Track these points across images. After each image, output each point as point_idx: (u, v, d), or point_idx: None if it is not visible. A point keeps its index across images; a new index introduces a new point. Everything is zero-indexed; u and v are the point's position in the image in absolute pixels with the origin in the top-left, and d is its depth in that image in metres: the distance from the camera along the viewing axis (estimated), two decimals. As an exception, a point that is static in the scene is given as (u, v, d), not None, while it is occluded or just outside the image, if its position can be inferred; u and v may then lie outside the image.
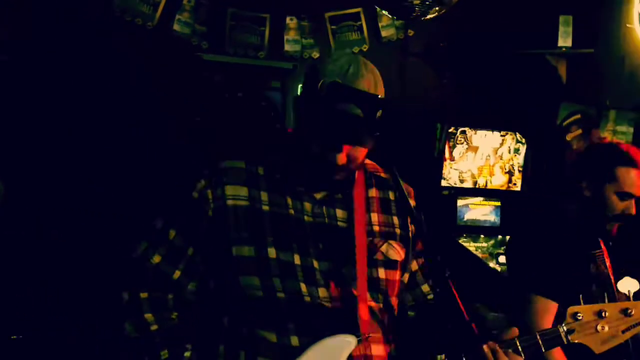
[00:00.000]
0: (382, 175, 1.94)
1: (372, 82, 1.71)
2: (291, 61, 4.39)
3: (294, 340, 1.70)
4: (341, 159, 1.69)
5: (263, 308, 1.72)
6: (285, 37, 4.43)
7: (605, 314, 1.86)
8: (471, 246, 4.32)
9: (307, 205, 1.80)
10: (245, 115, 4.23)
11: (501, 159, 4.53)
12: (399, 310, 1.88)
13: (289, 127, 4.42)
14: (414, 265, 1.95)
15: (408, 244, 1.88)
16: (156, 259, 1.79)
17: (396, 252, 1.85)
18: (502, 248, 4.35)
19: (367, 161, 1.90)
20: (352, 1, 4.57)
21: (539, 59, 4.66)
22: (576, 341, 1.85)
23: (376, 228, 1.85)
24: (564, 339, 1.84)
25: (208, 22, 4.25)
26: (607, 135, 4.69)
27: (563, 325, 1.85)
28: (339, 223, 1.81)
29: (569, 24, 4.51)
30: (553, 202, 2.83)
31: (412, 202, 1.88)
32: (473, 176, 4.43)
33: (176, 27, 4.20)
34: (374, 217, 1.86)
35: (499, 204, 4.47)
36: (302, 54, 4.46)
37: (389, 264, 1.83)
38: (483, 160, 4.44)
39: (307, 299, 1.72)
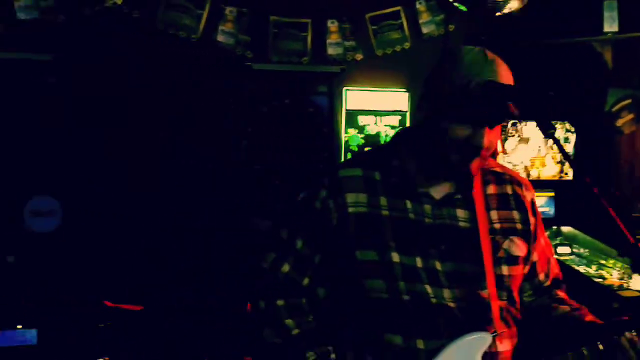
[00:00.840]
0: (498, 169, 1.94)
1: (510, 73, 1.74)
2: (334, 64, 4.41)
3: (420, 343, 1.71)
4: (486, 141, 1.70)
5: (388, 311, 1.74)
6: (328, 41, 4.44)
7: None
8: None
9: (427, 208, 1.81)
10: (293, 121, 4.25)
11: (552, 149, 4.48)
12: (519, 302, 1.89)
13: (335, 130, 4.44)
14: (534, 256, 1.94)
15: (529, 237, 1.88)
16: (285, 268, 1.85)
17: (518, 247, 1.85)
18: (559, 239, 4.31)
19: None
20: (390, 0, 4.57)
21: (584, 46, 4.59)
22: None
23: (497, 225, 1.85)
24: None
25: (251, 31, 4.28)
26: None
27: None
28: (460, 223, 1.81)
29: (613, 8, 4.43)
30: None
31: (531, 194, 1.91)
32: (526, 168, 4.40)
33: (220, 37, 4.24)
34: (494, 214, 1.86)
35: (552, 194, 4.43)
36: (344, 57, 4.47)
37: (512, 260, 1.83)
38: (535, 151, 4.40)
39: (433, 300, 1.73)
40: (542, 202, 4.38)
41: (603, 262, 3.96)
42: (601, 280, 3.69)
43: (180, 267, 3.88)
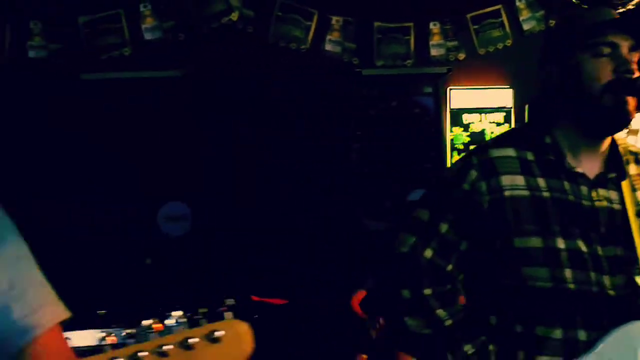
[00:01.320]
0: (633, 149, 1.83)
1: None
2: (437, 65, 4.52)
3: (582, 335, 1.62)
4: (631, 104, 1.63)
5: (550, 301, 1.64)
6: (430, 43, 4.55)
7: None
8: None
9: (583, 189, 1.69)
10: (401, 123, 4.41)
11: (670, 140, 4.41)
12: None
13: (442, 129, 4.55)
14: None
15: None
16: (428, 253, 1.70)
17: None
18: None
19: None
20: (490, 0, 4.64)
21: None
22: None
23: None
24: None
25: (357, 39, 4.46)
26: None
27: None
28: (614, 205, 1.70)
29: None
30: None
31: None
32: (637, 160, 4.34)
33: (328, 47, 4.44)
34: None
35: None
36: (447, 57, 4.57)
37: None
38: (646, 143, 4.35)
39: (595, 288, 1.63)
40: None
41: None
42: None
43: (304, 265, 4.11)
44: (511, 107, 4.68)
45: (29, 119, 4.08)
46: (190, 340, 0.81)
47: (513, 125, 4.67)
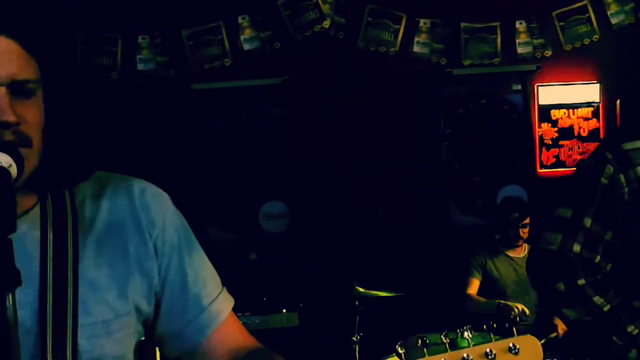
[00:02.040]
0: None
1: None
2: (524, 63, 4.61)
3: None
4: None
5: None
6: (517, 41, 4.64)
7: None
8: None
9: None
10: (490, 120, 4.53)
11: None
12: None
13: (531, 125, 4.63)
14: None
15: None
16: (576, 247, 1.82)
17: None
18: None
19: None
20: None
21: None
22: None
23: None
24: None
25: (444, 40, 4.61)
26: None
27: None
28: None
29: None
30: None
31: None
32: None
33: (416, 49, 4.61)
34: None
35: None
36: (534, 54, 4.64)
37: None
38: None
39: None
40: None
41: None
42: None
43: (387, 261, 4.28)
44: (599, 102, 4.70)
45: (145, 127, 4.40)
46: (494, 350, 0.99)
47: (602, 120, 4.69)
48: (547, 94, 4.68)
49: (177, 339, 1.18)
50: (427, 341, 0.98)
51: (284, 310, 3.49)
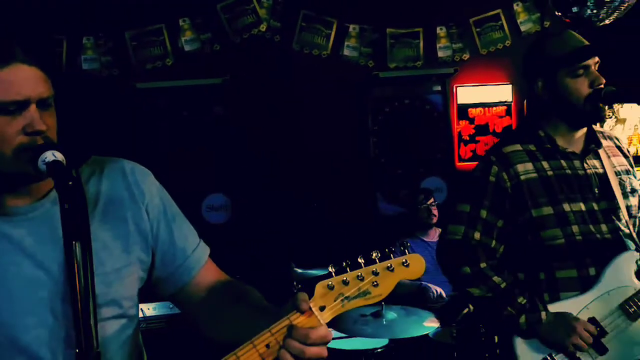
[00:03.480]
0: (597, 129, 2.35)
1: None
2: (445, 66, 5.05)
3: (592, 271, 2.15)
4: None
5: (564, 253, 2.14)
6: (438, 46, 5.08)
7: None
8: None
9: (576, 162, 2.23)
10: (413, 118, 4.96)
11: (648, 127, 4.94)
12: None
13: (450, 123, 5.08)
14: None
15: (635, 175, 2.33)
16: (476, 235, 2.21)
17: (634, 182, 2.30)
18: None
19: None
20: (491, 4, 5.13)
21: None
22: None
23: (619, 168, 2.29)
24: None
25: (372, 44, 4.99)
26: None
27: None
28: (598, 170, 2.24)
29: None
30: None
31: (622, 144, 2.37)
32: (624, 146, 4.88)
33: (346, 52, 4.98)
34: (614, 160, 2.30)
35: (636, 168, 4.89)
36: (453, 58, 5.09)
37: (633, 192, 2.29)
38: (632, 130, 4.87)
39: (597, 236, 2.17)
40: (641, 175, 4.86)
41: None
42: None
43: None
44: (511, 101, 5.20)
45: (89, 125, 4.59)
46: (392, 265, 1.33)
47: (514, 117, 5.20)
48: (465, 94, 5.14)
49: (169, 280, 1.53)
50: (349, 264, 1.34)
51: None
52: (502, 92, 5.20)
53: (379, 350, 3.54)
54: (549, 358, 2.17)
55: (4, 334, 1.32)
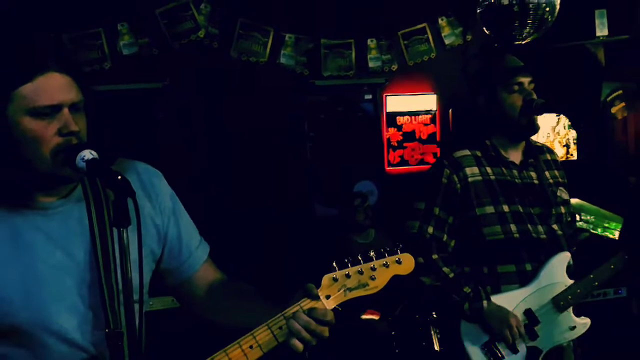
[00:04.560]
0: (538, 144, 2.71)
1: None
2: (375, 76, 5.33)
3: (528, 267, 2.45)
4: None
5: (504, 248, 2.44)
6: (369, 56, 5.35)
7: None
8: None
9: (515, 172, 2.55)
10: (349, 124, 5.20)
11: (558, 134, 5.40)
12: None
13: (381, 130, 5.36)
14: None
15: (567, 187, 2.69)
16: (430, 230, 2.48)
17: (565, 193, 2.66)
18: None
19: None
20: (418, 18, 5.45)
21: (581, 49, 5.50)
22: None
23: (552, 180, 2.62)
24: None
25: (307, 53, 5.20)
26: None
27: None
28: (534, 181, 2.57)
29: (604, 16, 5.32)
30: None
31: (558, 157, 2.73)
32: (538, 153, 5.31)
33: (282, 60, 5.16)
34: (547, 174, 2.62)
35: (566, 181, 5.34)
36: (383, 68, 5.37)
37: (564, 203, 2.63)
38: (544, 138, 5.32)
39: (534, 235, 2.48)
40: (553, 179, 5.30)
41: (607, 225, 4.85)
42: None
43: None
44: (436, 110, 5.54)
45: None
46: (388, 262, 1.56)
47: (438, 125, 5.54)
48: (394, 103, 5.44)
49: (176, 273, 1.69)
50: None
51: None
52: (428, 102, 5.53)
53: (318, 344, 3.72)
54: (489, 342, 2.44)
55: (36, 318, 1.44)
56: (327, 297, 1.54)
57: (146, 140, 4.79)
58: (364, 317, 3.67)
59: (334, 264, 1.55)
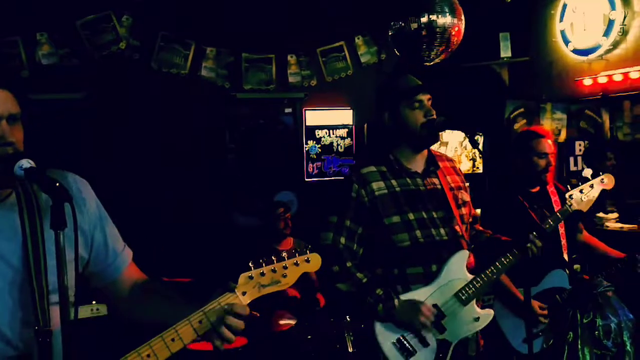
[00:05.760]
0: (438, 153, 2.89)
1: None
2: (295, 90, 5.51)
3: (434, 268, 2.62)
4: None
5: (411, 253, 2.61)
6: (289, 71, 5.54)
7: None
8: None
9: (419, 180, 2.72)
10: (269, 136, 5.36)
11: (465, 149, 5.75)
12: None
13: (300, 142, 5.54)
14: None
15: (467, 191, 2.89)
16: (342, 240, 2.65)
17: (465, 196, 2.82)
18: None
19: None
20: (336, 36, 5.69)
21: (486, 69, 5.88)
22: None
23: (453, 185, 2.79)
24: None
25: (228, 67, 5.33)
26: (546, 122, 5.91)
27: None
28: (437, 186, 2.74)
29: (507, 39, 5.73)
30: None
31: (458, 165, 2.96)
32: (447, 166, 5.63)
33: (204, 72, 5.27)
34: (449, 179, 2.80)
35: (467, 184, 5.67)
36: (302, 83, 5.57)
37: (464, 204, 2.79)
38: (453, 151, 5.65)
39: (437, 238, 2.64)
40: (461, 191, 5.63)
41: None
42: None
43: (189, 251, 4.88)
44: (352, 124, 5.78)
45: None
46: (298, 261, 1.72)
47: (354, 139, 5.78)
48: (313, 116, 5.64)
49: (101, 275, 1.79)
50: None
51: (94, 302, 3.86)
52: (345, 116, 5.77)
53: (240, 349, 3.84)
54: (401, 338, 2.63)
55: None
56: (244, 293, 1.68)
57: (69, 149, 4.77)
58: (281, 322, 3.81)
59: (250, 263, 1.70)
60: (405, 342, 2.62)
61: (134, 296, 1.81)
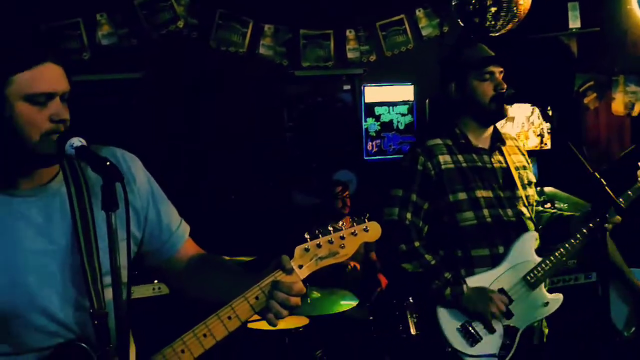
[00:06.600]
0: (502, 131, 2.77)
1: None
2: (353, 66, 5.39)
3: (501, 249, 2.53)
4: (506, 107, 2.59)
5: (476, 232, 2.52)
6: (347, 47, 5.42)
7: None
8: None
9: (485, 157, 2.63)
10: (328, 114, 5.27)
11: (533, 124, 5.52)
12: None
13: (359, 119, 5.44)
14: None
15: (532, 171, 2.79)
16: (409, 216, 2.55)
17: (531, 176, 2.73)
18: (542, 197, 5.31)
19: None
20: (396, 10, 5.52)
21: (554, 40, 5.61)
22: None
23: (517, 164, 2.70)
24: None
25: (286, 44, 5.25)
26: (619, 95, 5.62)
27: None
28: (503, 165, 2.65)
29: (576, 8, 5.44)
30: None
31: (521, 144, 2.83)
32: (513, 142, 5.42)
33: (262, 50, 5.20)
34: (514, 157, 2.71)
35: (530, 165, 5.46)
36: (361, 59, 5.45)
37: (530, 185, 2.71)
38: (519, 127, 5.43)
39: (505, 218, 2.56)
40: (527, 168, 5.42)
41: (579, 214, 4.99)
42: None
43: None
44: (413, 100, 5.63)
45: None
46: (356, 231, 1.63)
47: (415, 115, 5.62)
48: (372, 93, 5.51)
49: (157, 254, 1.75)
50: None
51: (155, 281, 3.89)
52: (405, 92, 5.62)
53: (301, 329, 3.80)
54: (466, 324, 2.52)
55: (27, 301, 1.49)
56: (300, 266, 1.61)
57: (125, 129, 4.81)
58: (342, 303, 3.74)
59: (306, 235, 1.61)
60: (470, 329, 2.51)
61: (190, 271, 1.77)
